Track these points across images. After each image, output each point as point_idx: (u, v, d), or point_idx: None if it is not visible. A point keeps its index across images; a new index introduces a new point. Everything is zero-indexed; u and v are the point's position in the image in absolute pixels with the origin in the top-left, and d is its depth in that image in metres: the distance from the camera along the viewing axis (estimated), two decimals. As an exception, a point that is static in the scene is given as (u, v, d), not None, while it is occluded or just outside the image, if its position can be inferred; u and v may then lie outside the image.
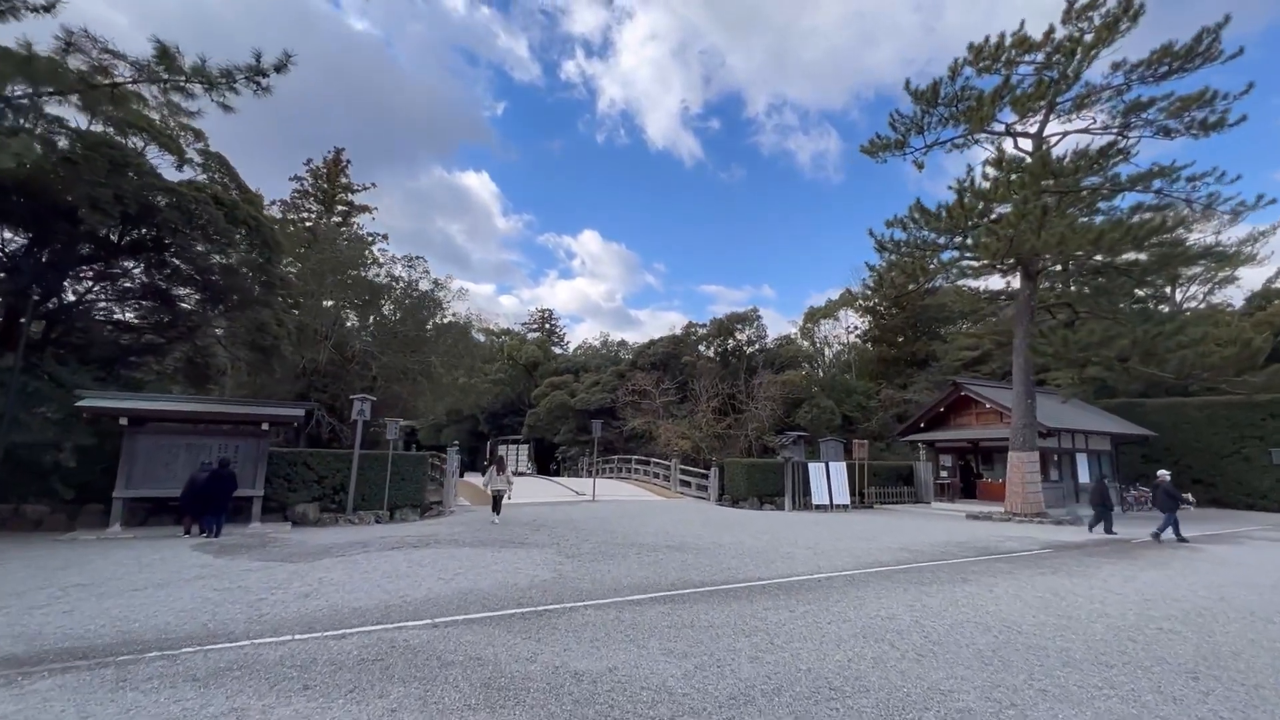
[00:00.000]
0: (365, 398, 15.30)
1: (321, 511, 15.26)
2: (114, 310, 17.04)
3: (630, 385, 33.43)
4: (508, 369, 56.20)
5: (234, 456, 13.23)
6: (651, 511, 17.93)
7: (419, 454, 16.96)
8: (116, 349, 15.37)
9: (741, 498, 22.26)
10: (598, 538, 12.12)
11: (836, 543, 12.26)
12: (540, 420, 40.42)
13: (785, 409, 31.38)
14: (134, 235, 15.22)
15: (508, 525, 14.02)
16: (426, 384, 24.38)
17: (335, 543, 11.03)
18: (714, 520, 16.18)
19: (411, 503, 16.42)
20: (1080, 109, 19.18)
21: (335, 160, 29.38)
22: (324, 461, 15.30)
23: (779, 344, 37.66)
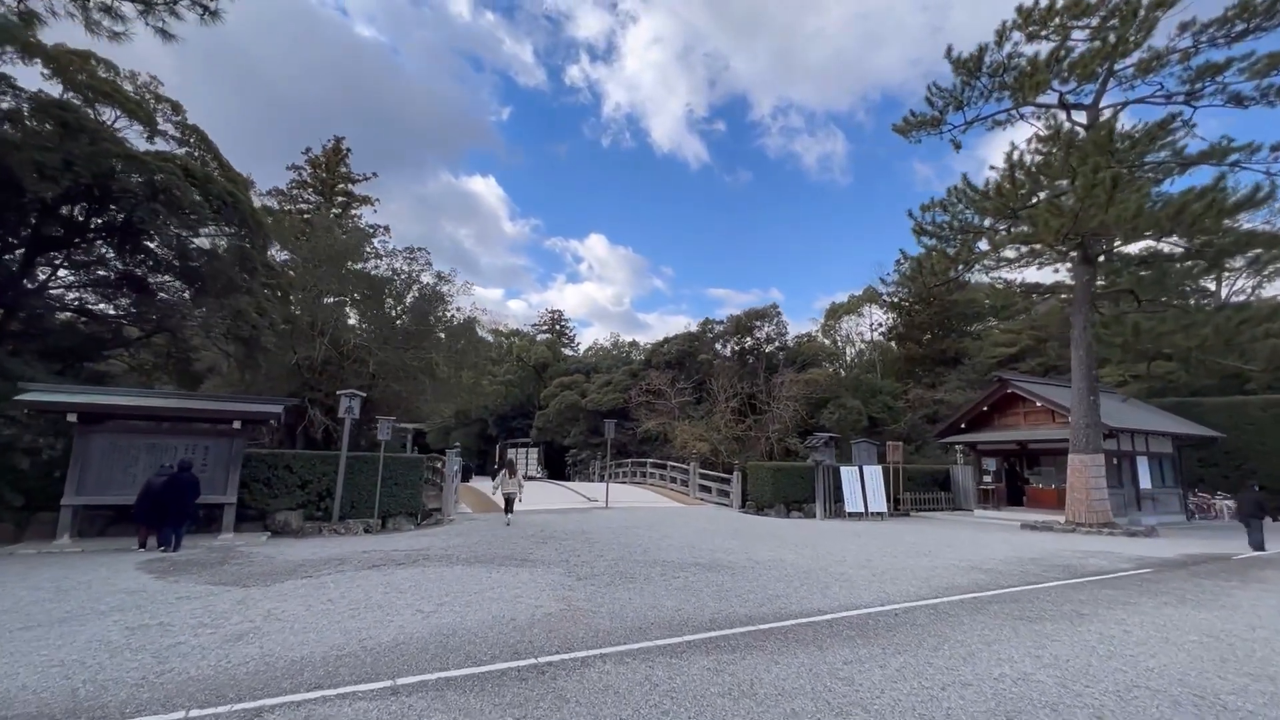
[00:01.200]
0: (354, 393, 13.76)
1: (305, 520, 13.73)
2: (86, 300, 15.68)
3: (644, 385, 31.75)
4: (516, 370, 54.79)
5: (203, 459, 11.72)
6: (671, 520, 16.24)
7: (414, 456, 15.40)
8: (83, 340, 13.96)
9: (766, 504, 20.51)
10: (613, 553, 10.46)
11: (891, 559, 10.50)
12: (550, 422, 38.85)
13: (808, 410, 29.56)
14: (105, 216, 13.84)
15: (512, 537, 12.39)
16: (428, 382, 22.85)
17: (309, 558, 9.45)
18: (742, 530, 14.46)
19: (406, 510, 14.85)
20: (1145, 74, 17.31)
21: (335, 149, 28.07)
22: (308, 464, 13.77)
23: (799, 342, 35.83)
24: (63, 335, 13.20)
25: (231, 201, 13.14)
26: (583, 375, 40.42)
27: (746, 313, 34.74)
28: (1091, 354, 16.91)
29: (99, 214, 14.07)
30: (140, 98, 14.46)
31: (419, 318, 23.75)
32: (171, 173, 11.65)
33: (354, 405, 13.78)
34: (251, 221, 13.85)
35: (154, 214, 11.46)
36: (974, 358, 32.77)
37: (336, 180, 27.49)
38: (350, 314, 22.95)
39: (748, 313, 34.74)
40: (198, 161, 14.12)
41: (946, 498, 23.92)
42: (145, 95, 14.66)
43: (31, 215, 11.95)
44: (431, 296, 23.87)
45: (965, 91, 20.45)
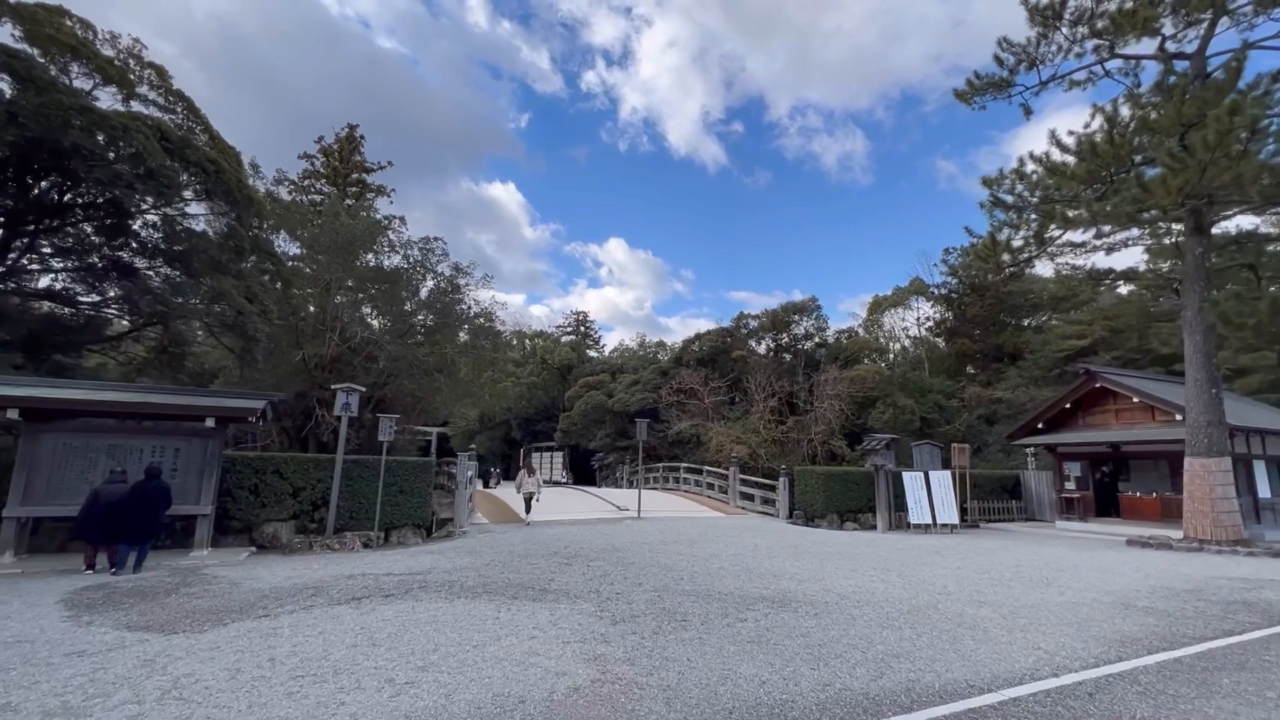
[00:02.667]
0: (351, 388, 12.03)
1: (298, 533, 12.03)
2: (74, 290, 14.28)
3: (675, 384, 29.66)
4: (540, 372, 53.28)
5: (173, 462, 10.05)
6: (714, 533, 14.14)
7: (422, 460, 13.61)
8: (52, 328, 12.49)
9: (818, 514, 18.27)
10: (654, 578, 8.43)
11: (1007, 591, 8.27)
12: (575, 424, 37.02)
13: (854, 409, 27.14)
14: (85, 195, 12.37)
15: (531, 555, 10.44)
16: (443, 380, 21.13)
17: (280, 586, 7.64)
18: (801, 547, 12.30)
19: (413, 521, 13.06)
20: (1269, 7, 14.70)
21: (349, 137, 26.74)
22: (300, 469, 12.06)
23: (841, 337, 33.38)
24: (19, 324, 11.70)
25: (215, 171, 11.54)
26: (609, 375, 38.52)
27: (784, 306, 32.45)
28: (1210, 339, 14.33)
29: (75, 191, 12.62)
30: (122, 63, 13.00)
31: (434, 311, 22.11)
32: (140, 132, 10.06)
33: (352, 401, 12.03)
34: (239, 196, 12.26)
35: (117, 178, 9.84)
36: (1036, 352, 29.93)
37: (350, 169, 26.14)
38: (361, 307, 21.40)
39: (785, 307, 32.45)
40: (183, 130, 12.57)
41: (1018, 507, 21.34)
42: (127, 60, 13.21)
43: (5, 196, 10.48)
44: (448, 289, 22.19)
45: (1041, 46, 18.07)
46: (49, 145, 9.46)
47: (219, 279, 12.12)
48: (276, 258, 16.05)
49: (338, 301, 19.59)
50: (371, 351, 19.68)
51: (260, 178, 18.02)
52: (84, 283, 13.15)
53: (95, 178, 9.77)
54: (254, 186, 17.14)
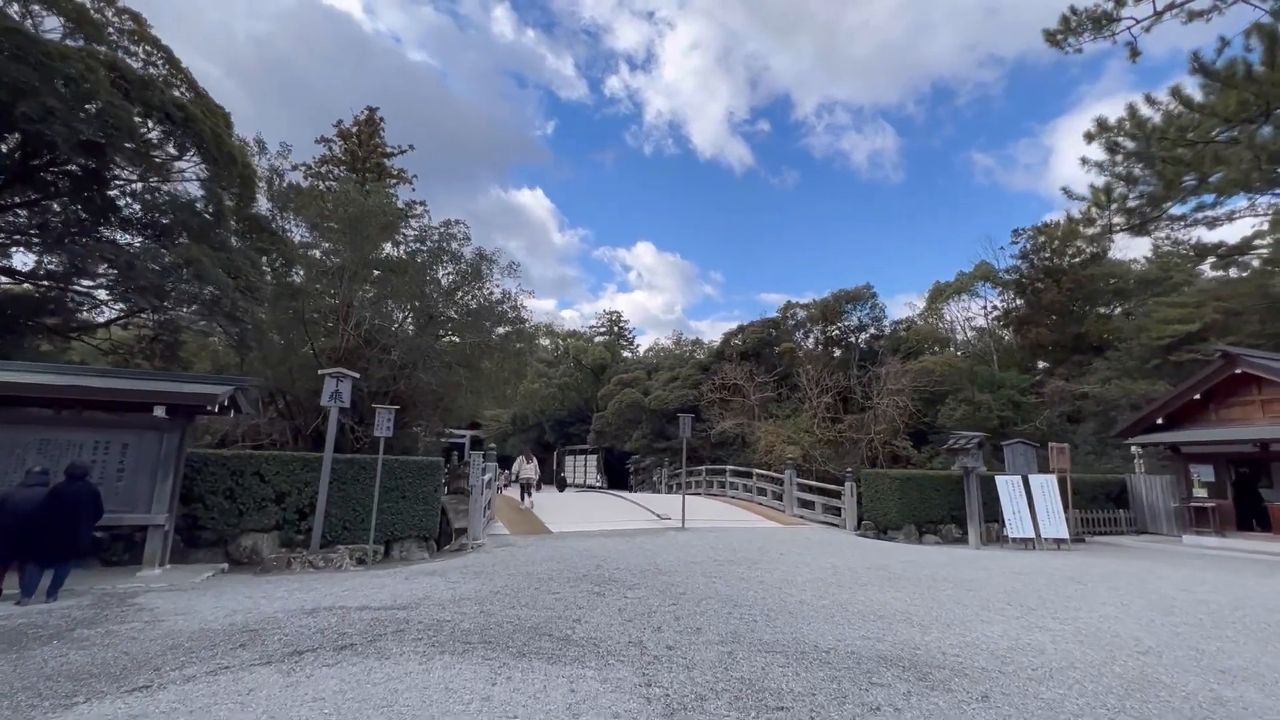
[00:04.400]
0: (342, 373, 10.09)
1: (282, 545, 10.16)
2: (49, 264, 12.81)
3: (717, 379, 27.21)
4: (573, 373, 51.47)
5: (119, 461, 8.22)
6: (777, 550, 11.72)
7: (428, 460, 11.61)
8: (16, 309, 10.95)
9: (892, 525, 15.65)
10: (717, 621, 6.13)
11: (1236, 649, 5.68)
12: (608, 425, 34.88)
13: (921, 406, 24.24)
14: (56, 163, 10.80)
15: (551, 580, 8.24)
16: (463, 374, 19.23)
17: (208, 628, 5.63)
18: (891, 569, 9.80)
19: (418, 532, 11.05)
20: None
21: (368, 120, 25.26)
22: (285, 470, 10.18)
23: (900, 328, 30.37)
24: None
25: (183, 119, 9.80)
26: (645, 373, 36.26)
27: (835, 295, 29.64)
28: None
29: (44, 159, 11.07)
30: (96, 10, 11.43)
31: (455, 300, 20.30)
32: (80, 61, 8.33)
33: (343, 390, 10.09)
34: (217, 153, 10.53)
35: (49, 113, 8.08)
36: (1128, 341, 26.43)
37: (369, 154, 24.68)
38: (379, 297, 19.71)
39: (836, 295, 29.63)
40: (159, 83, 10.88)
41: (1126, 518, 18.22)
42: (101, 6, 11.64)
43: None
44: (471, 275, 20.33)
45: (1158, -34, 15.13)
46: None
47: (189, 247, 10.36)
48: (276, 235, 14.34)
49: (352, 289, 17.90)
50: (387, 343, 17.92)
51: (264, 153, 16.39)
52: (53, 252, 11.57)
53: (22, 112, 8.10)
54: (252, 161, 15.55)
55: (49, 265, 12.61)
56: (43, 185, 11.85)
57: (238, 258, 11.58)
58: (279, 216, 17.57)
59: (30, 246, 12.18)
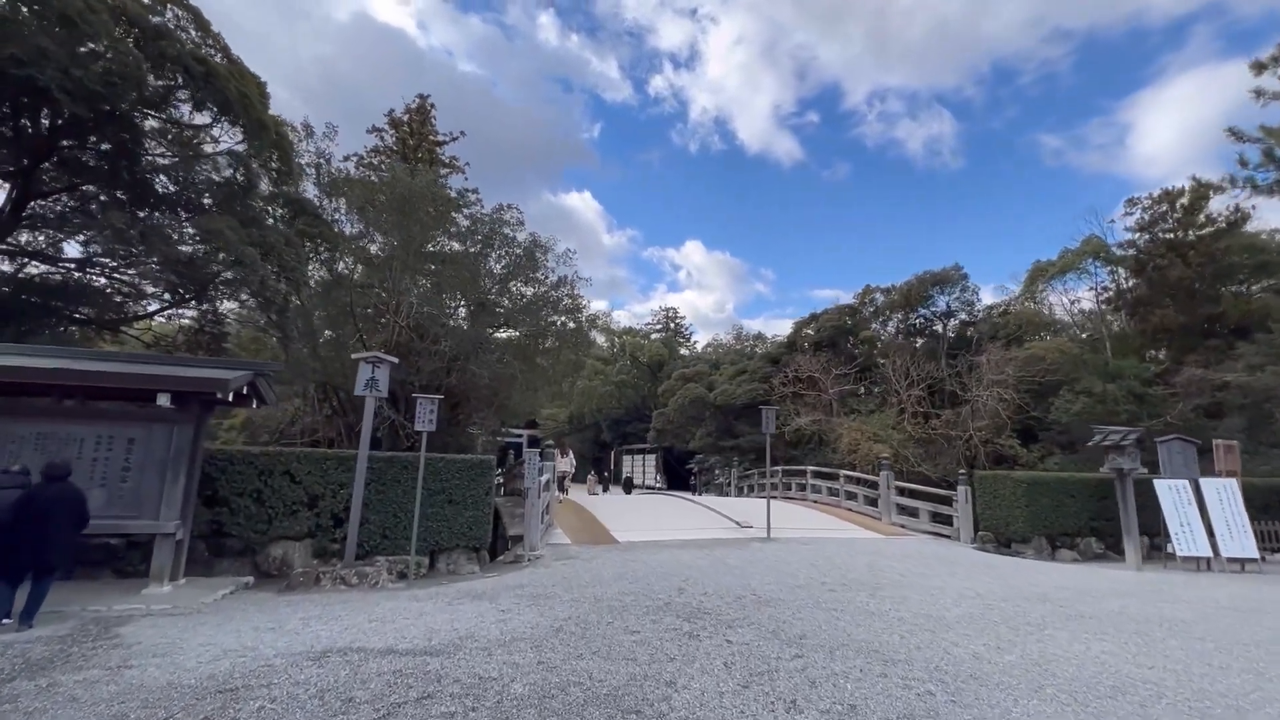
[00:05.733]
0: (378, 358, 8.72)
1: (316, 555, 8.90)
2: (99, 258, 12.17)
3: (790, 372, 24.92)
4: (630, 370, 50.03)
5: (123, 458, 7.05)
6: (893, 570, 9.61)
7: (479, 459, 10.13)
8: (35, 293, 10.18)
9: (1017, 537, 13.20)
10: (874, 694, 4.22)
11: None
12: (669, 423, 33.08)
13: (1030, 399, 21.26)
14: (80, 138, 9.97)
15: (626, 612, 6.50)
16: (518, 366, 17.89)
17: (183, 682, 4.19)
18: (1059, 601, 7.57)
19: (467, 542, 9.60)
20: None
21: (420, 109, 24.49)
22: (318, 470, 8.91)
23: (996, 312, 27.16)
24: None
25: (204, 74, 8.70)
26: (708, 367, 34.22)
27: (919, 278, 26.74)
28: None
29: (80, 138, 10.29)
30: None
31: (508, 288, 19.03)
32: (88, 5, 7.25)
33: (380, 376, 8.71)
34: (247, 119, 9.43)
35: (42, 54, 7.01)
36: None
37: (420, 142, 23.86)
38: (431, 289, 18.66)
39: (921, 278, 26.73)
40: (174, 33, 9.78)
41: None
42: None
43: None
44: (524, 261, 18.99)
45: None
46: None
47: (211, 218, 9.27)
48: (320, 218, 13.32)
49: (402, 280, 16.84)
50: (437, 332, 16.78)
51: (311, 137, 15.54)
52: (95, 240, 10.78)
53: (10, 54, 7.09)
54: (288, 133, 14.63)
55: (92, 252, 11.95)
56: (78, 167, 11.13)
57: (271, 234, 10.48)
58: (326, 203, 16.74)
59: (67, 229, 11.50)
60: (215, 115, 9.64)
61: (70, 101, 7.41)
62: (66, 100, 7.34)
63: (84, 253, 12.18)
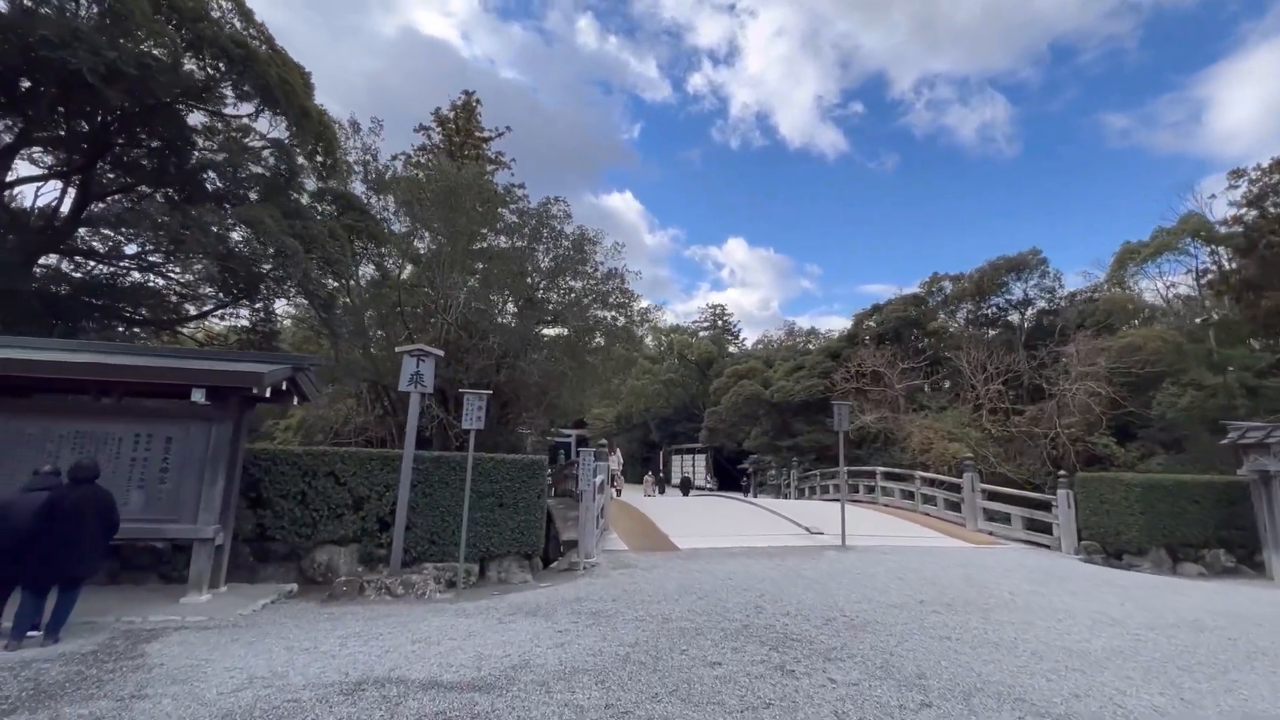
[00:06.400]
0: (423, 350, 8.15)
1: (362, 561, 8.40)
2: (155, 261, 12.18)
3: (853, 366, 23.46)
4: (679, 369, 49.11)
5: (161, 458, 6.66)
6: (999, 588, 8.39)
7: (530, 459, 9.46)
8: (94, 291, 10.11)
9: (1130, 548, 11.67)
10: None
11: None
12: (721, 421, 31.98)
13: (1127, 392, 19.23)
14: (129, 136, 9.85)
15: (700, 635, 5.63)
16: (568, 364, 17.28)
17: (197, 718, 3.57)
18: (1218, 629, 6.28)
19: (518, 548, 8.93)
20: None
21: (465, 105, 24.31)
22: (363, 470, 8.41)
23: (1082, 297, 24.90)
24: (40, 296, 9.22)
25: (243, 57, 8.36)
26: (762, 363, 32.93)
27: (993, 264, 24.78)
28: None
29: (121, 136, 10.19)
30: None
31: (556, 282, 18.45)
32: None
33: (424, 371, 8.14)
34: (287, 104, 9.06)
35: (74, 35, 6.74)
36: None
37: (466, 140, 23.66)
38: (482, 287, 18.28)
39: (994, 264, 24.76)
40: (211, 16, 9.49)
41: None
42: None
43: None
44: (573, 254, 18.37)
45: None
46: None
47: (250, 207, 8.94)
48: (367, 213, 13.01)
49: (450, 277, 16.48)
50: (485, 327, 16.33)
51: (358, 133, 15.33)
52: (149, 240, 10.70)
53: (41, 36, 6.84)
54: (343, 142, 14.49)
55: (147, 251, 11.94)
56: (132, 168, 11.09)
57: (315, 226, 10.14)
58: (374, 200, 16.55)
59: (123, 230, 11.48)
60: (257, 104, 9.35)
61: (104, 85, 7.15)
62: (100, 84, 7.08)
63: (140, 254, 12.20)
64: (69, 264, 11.31)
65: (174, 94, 8.35)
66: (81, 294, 11.12)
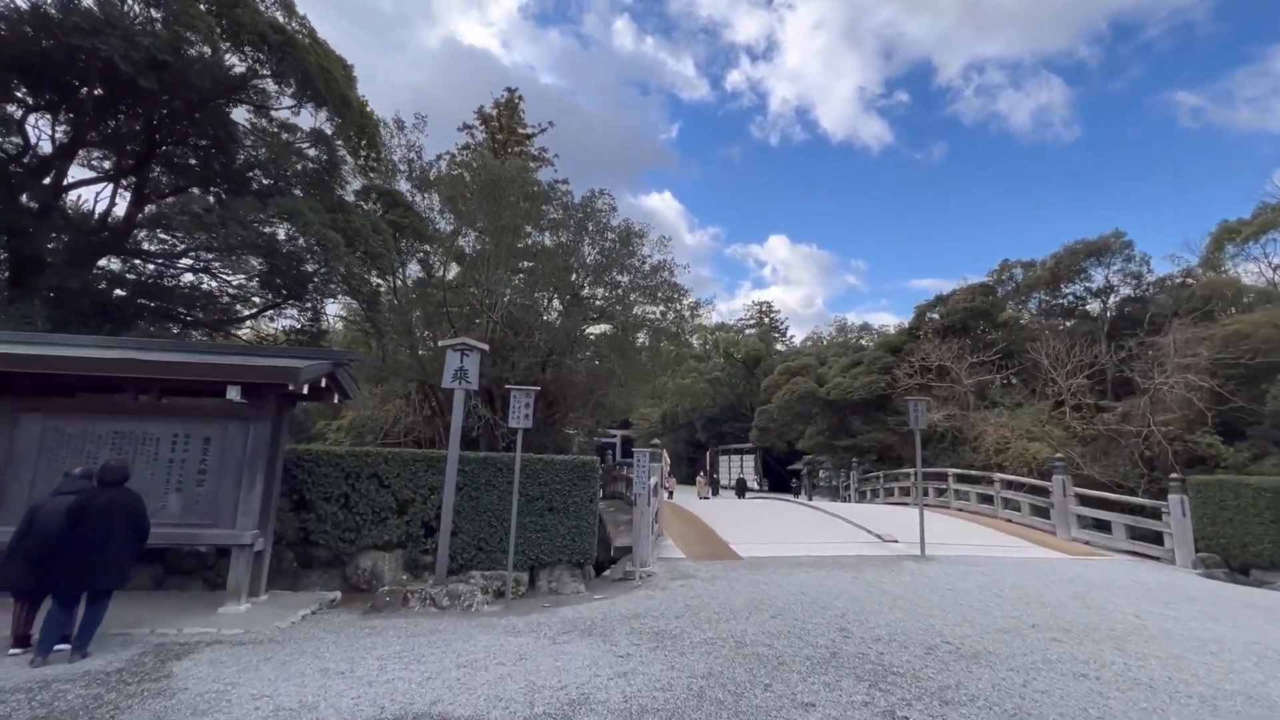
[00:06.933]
0: (467, 344, 7.64)
1: (407, 568, 7.96)
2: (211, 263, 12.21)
3: (917, 361, 22.01)
4: (725, 367, 48.02)
5: (199, 460, 6.33)
6: (1122, 609, 7.27)
7: (581, 460, 8.82)
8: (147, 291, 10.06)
9: (1261, 562, 10.28)
10: None
11: None
12: (773, 420, 30.82)
13: (1234, 385, 17.29)
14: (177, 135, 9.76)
15: (783, 666, 4.85)
16: (617, 362, 16.69)
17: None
18: None
19: (570, 555, 8.34)
20: None
21: (509, 103, 24.08)
22: (407, 472, 7.98)
23: (1173, 284, 22.72)
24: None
25: (281, 43, 8.07)
26: (815, 360, 31.59)
27: (1069, 249, 22.86)
28: None
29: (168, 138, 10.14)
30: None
31: (603, 278, 17.88)
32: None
33: (469, 366, 7.63)
34: (327, 93, 8.75)
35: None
36: None
37: (509, 137, 23.41)
38: (515, 279, 17.91)
39: (1071, 249, 22.83)
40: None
41: None
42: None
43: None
44: (619, 248, 17.78)
45: None
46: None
47: (290, 199, 8.66)
48: (411, 209, 12.73)
49: (496, 275, 16.12)
50: (531, 323, 15.91)
51: (402, 130, 15.15)
52: (202, 243, 10.63)
53: (73, 23, 6.64)
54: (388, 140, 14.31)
55: (199, 251, 11.94)
56: (182, 170, 11.07)
57: (357, 219, 9.84)
58: (419, 198, 16.36)
59: (177, 232, 11.48)
60: (297, 94, 9.09)
61: (140, 75, 6.94)
62: (134, 73, 6.86)
63: (189, 250, 12.21)
64: (124, 266, 11.40)
65: (213, 85, 8.13)
66: (137, 296, 11.17)
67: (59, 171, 10.17)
